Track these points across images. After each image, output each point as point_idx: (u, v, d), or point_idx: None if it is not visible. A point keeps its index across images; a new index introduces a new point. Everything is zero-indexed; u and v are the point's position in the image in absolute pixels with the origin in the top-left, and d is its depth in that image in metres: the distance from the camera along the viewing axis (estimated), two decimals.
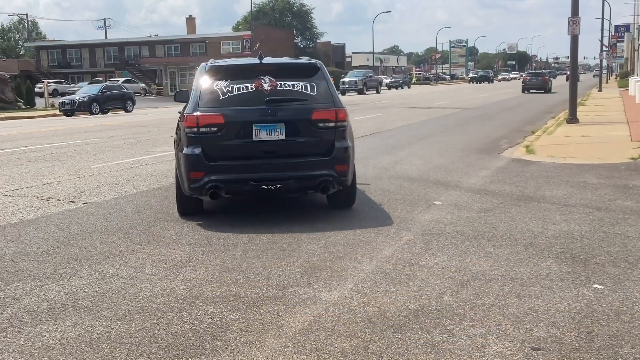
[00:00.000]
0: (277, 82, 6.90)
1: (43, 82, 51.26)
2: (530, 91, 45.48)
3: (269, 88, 6.86)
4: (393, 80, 72.12)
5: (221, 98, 6.81)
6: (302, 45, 78.67)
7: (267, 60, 7.52)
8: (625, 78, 62.20)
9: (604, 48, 64.90)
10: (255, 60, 7.42)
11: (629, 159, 10.64)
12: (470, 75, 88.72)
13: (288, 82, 6.97)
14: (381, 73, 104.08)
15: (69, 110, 31.12)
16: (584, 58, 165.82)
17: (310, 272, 5.05)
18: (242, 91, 6.84)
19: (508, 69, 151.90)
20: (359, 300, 4.42)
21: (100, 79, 67.78)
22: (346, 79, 53.75)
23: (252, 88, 6.84)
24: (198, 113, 6.67)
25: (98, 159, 12.36)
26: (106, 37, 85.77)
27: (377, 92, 54.38)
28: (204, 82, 6.98)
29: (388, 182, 9.13)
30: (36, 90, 43.33)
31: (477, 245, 5.71)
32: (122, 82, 59.82)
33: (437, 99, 38.92)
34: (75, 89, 61.84)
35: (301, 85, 6.98)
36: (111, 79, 63.26)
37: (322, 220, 6.85)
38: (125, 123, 23.46)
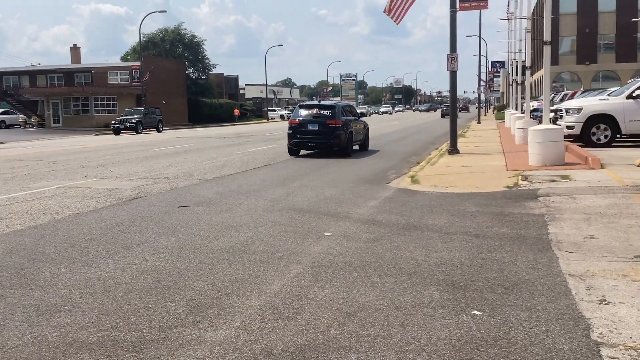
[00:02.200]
0: (318, 111, 19.90)
1: None
2: (446, 116, 62.52)
3: (315, 112, 19.94)
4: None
5: (299, 114, 20.18)
6: (194, 77, 77.46)
7: (322, 102, 22.40)
8: (502, 111, 66.73)
9: (482, 83, 69.48)
10: (316, 102, 23.28)
11: (505, 187, 11.29)
12: None
13: (321, 111, 19.89)
14: (275, 105, 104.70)
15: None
16: (464, 92, 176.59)
17: (196, 311, 4.89)
18: (306, 113, 20.14)
19: (395, 102, 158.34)
20: (246, 338, 4.32)
21: None
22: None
23: (309, 112, 20.09)
24: (290, 119, 20.63)
25: None
26: None
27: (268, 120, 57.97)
28: (295, 109, 21.80)
29: (279, 215, 9.11)
30: None
31: (364, 276, 5.79)
32: (0, 114, 56.45)
33: None
34: None
35: (326, 112, 19.75)
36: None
37: (211, 255, 6.69)
38: (0, 157, 21.96)
